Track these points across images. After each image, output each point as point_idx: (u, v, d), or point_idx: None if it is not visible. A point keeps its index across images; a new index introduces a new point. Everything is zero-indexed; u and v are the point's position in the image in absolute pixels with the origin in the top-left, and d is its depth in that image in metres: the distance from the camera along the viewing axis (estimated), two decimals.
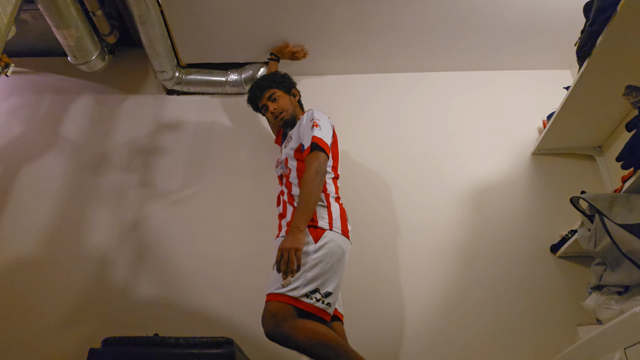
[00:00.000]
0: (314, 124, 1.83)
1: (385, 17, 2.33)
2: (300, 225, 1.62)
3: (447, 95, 2.63)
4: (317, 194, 1.68)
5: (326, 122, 1.89)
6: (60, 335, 2.09)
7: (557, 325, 2.05)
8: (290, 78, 2.17)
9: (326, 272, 1.60)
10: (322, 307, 1.56)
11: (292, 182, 1.84)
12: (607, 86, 1.91)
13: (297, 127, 1.95)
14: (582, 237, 1.69)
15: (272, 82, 2.09)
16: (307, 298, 1.55)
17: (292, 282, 1.56)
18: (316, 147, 1.76)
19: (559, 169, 2.38)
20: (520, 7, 2.26)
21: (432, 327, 2.08)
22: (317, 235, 1.65)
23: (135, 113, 2.65)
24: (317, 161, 1.73)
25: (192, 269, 2.22)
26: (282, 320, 1.50)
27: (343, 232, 1.71)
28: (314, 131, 1.80)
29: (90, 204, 2.39)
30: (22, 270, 2.23)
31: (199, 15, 2.33)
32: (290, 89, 2.13)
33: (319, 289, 1.57)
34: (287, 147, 1.96)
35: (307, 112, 1.95)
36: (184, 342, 1.57)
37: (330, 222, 1.70)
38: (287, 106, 2.06)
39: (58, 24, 2.12)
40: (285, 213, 1.82)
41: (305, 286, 1.55)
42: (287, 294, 1.54)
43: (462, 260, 2.20)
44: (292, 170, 1.87)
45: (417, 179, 2.40)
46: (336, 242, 1.67)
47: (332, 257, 1.63)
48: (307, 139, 1.81)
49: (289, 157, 1.91)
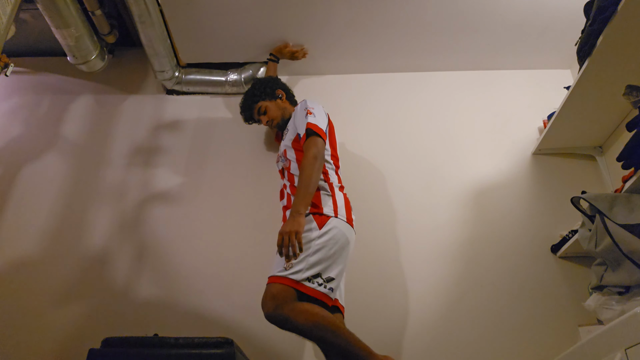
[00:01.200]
0: (307, 112, 1.87)
1: (385, 17, 2.32)
2: (300, 209, 1.62)
3: (447, 95, 2.62)
4: (316, 178, 1.69)
5: (320, 109, 1.91)
6: (60, 335, 2.09)
7: (558, 325, 2.04)
8: (270, 80, 2.21)
9: (329, 257, 1.61)
10: (324, 291, 1.57)
11: (294, 174, 1.85)
12: (608, 86, 1.91)
13: (293, 119, 1.99)
14: (583, 238, 1.69)
15: (255, 97, 2.17)
16: (308, 282, 1.55)
17: (294, 265, 1.57)
18: (311, 132, 1.79)
19: (559, 169, 2.38)
20: (520, 7, 2.26)
21: (433, 327, 2.08)
22: (322, 221, 1.66)
23: (135, 113, 2.65)
24: (315, 146, 1.75)
25: (192, 269, 2.22)
26: (283, 302, 1.52)
27: (348, 220, 1.72)
28: (308, 118, 1.83)
29: (90, 203, 2.38)
30: (22, 271, 2.23)
31: (198, 15, 2.32)
32: (274, 92, 2.17)
33: (321, 274, 1.58)
34: (284, 139, 2.00)
35: (300, 103, 1.98)
36: (183, 342, 1.57)
37: (335, 209, 1.71)
38: (275, 114, 2.14)
39: (57, 23, 2.12)
40: (289, 205, 1.82)
41: (308, 270, 1.57)
42: (289, 277, 1.55)
43: (462, 261, 2.20)
44: (291, 161, 1.89)
45: (417, 179, 2.40)
46: (340, 229, 1.68)
47: (336, 244, 1.64)
48: (302, 127, 1.84)
49: (287, 149, 1.93)
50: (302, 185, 1.67)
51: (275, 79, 2.24)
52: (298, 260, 1.57)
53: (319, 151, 1.74)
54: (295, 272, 1.56)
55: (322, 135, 1.80)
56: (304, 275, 1.56)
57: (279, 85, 2.21)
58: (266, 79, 2.24)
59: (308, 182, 1.67)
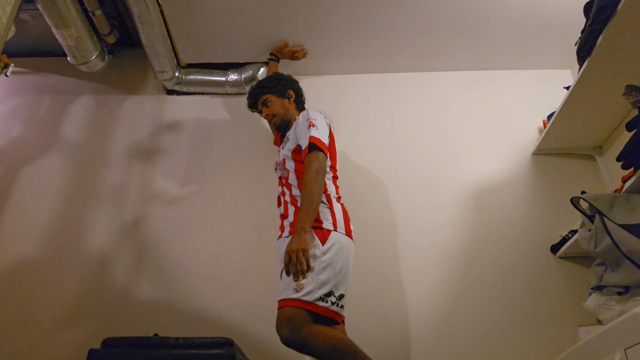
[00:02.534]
0: (310, 123, 1.84)
1: (385, 17, 2.32)
2: (306, 226, 1.61)
3: (447, 95, 2.62)
4: (319, 193, 1.69)
5: (322, 121, 1.90)
6: (60, 335, 2.09)
7: (558, 325, 2.05)
8: (287, 78, 2.18)
9: (337, 274, 1.60)
10: (337, 310, 1.56)
11: (292, 184, 1.84)
12: (607, 86, 1.91)
13: (294, 128, 1.95)
14: (583, 238, 1.69)
15: (264, 88, 2.14)
16: (322, 302, 1.54)
17: (304, 286, 1.54)
18: (314, 147, 1.77)
19: (559, 169, 2.38)
20: (520, 7, 2.26)
21: (433, 327, 2.08)
22: (324, 237, 1.65)
23: (135, 113, 2.65)
24: (317, 161, 1.74)
25: (192, 270, 2.22)
26: (299, 325, 1.49)
27: (347, 233, 1.72)
28: (310, 131, 1.81)
29: (90, 204, 2.39)
30: (23, 271, 2.23)
31: (199, 15, 2.32)
32: (285, 91, 2.13)
33: (333, 292, 1.57)
34: (284, 148, 1.97)
35: (302, 113, 1.95)
36: (183, 342, 1.57)
37: (334, 222, 1.70)
38: (277, 110, 2.10)
39: (57, 23, 2.12)
40: (287, 214, 1.82)
41: (319, 289, 1.55)
42: (301, 299, 1.53)
43: (462, 261, 2.20)
44: (290, 171, 1.87)
45: (417, 179, 2.40)
46: (342, 243, 1.67)
47: (341, 259, 1.63)
48: (304, 140, 1.82)
49: (287, 159, 1.91)
50: (305, 201, 1.66)
51: (293, 81, 2.21)
52: (307, 280, 1.55)
53: (321, 166, 1.74)
54: (307, 292, 1.53)
55: (324, 150, 1.79)
56: (316, 295, 1.53)
57: (292, 87, 2.17)
58: (285, 76, 2.20)
59: (311, 199, 1.66)
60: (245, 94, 2.62)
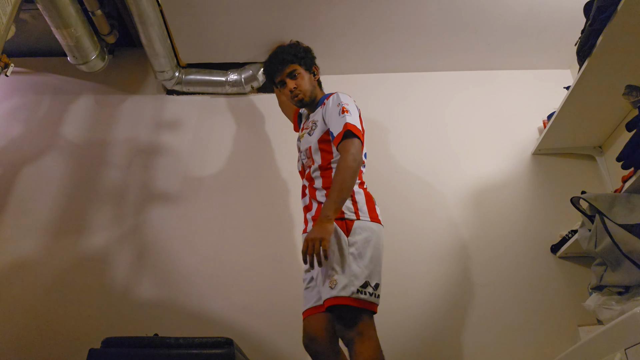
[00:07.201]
0: (342, 109, 1.69)
1: (385, 17, 2.32)
2: (330, 214, 1.52)
3: (447, 95, 2.62)
4: (352, 183, 1.59)
5: (354, 106, 1.76)
6: (60, 335, 2.09)
7: (558, 325, 2.05)
8: (312, 52, 1.99)
9: (368, 263, 1.55)
10: (374, 300, 1.53)
11: (314, 177, 1.74)
12: (607, 86, 1.91)
13: (323, 112, 1.78)
14: (583, 238, 1.69)
15: (295, 57, 1.90)
16: (360, 294, 1.49)
17: (338, 282, 1.50)
18: (350, 134, 1.63)
19: (559, 169, 2.38)
20: (520, 7, 2.26)
21: (433, 327, 2.08)
22: (348, 227, 1.58)
23: (135, 113, 2.65)
24: (354, 147, 1.61)
25: (192, 269, 2.22)
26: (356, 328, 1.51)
27: (372, 219, 1.63)
28: (345, 117, 1.66)
29: (90, 204, 2.38)
30: (23, 270, 2.23)
31: (199, 15, 2.32)
32: (312, 65, 1.95)
33: (369, 282, 1.52)
34: (311, 134, 1.80)
35: (332, 97, 1.79)
36: (183, 342, 1.57)
37: (356, 211, 1.62)
38: (306, 87, 1.88)
39: (57, 23, 2.12)
40: (310, 206, 1.74)
41: (353, 283, 1.50)
42: (339, 295, 1.49)
43: (462, 261, 2.20)
44: (314, 162, 1.75)
45: (417, 179, 2.40)
46: (367, 230, 1.60)
47: (368, 247, 1.57)
48: (336, 126, 1.67)
49: (313, 147, 1.77)
50: (336, 188, 1.56)
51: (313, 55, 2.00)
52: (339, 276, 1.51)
53: (358, 153, 1.61)
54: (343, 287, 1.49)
55: (361, 137, 1.66)
56: (352, 289, 1.49)
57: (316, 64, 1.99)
58: (309, 49, 1.98)
59: (342, 187, 1.55)
60: (245, 94, 2.63)
